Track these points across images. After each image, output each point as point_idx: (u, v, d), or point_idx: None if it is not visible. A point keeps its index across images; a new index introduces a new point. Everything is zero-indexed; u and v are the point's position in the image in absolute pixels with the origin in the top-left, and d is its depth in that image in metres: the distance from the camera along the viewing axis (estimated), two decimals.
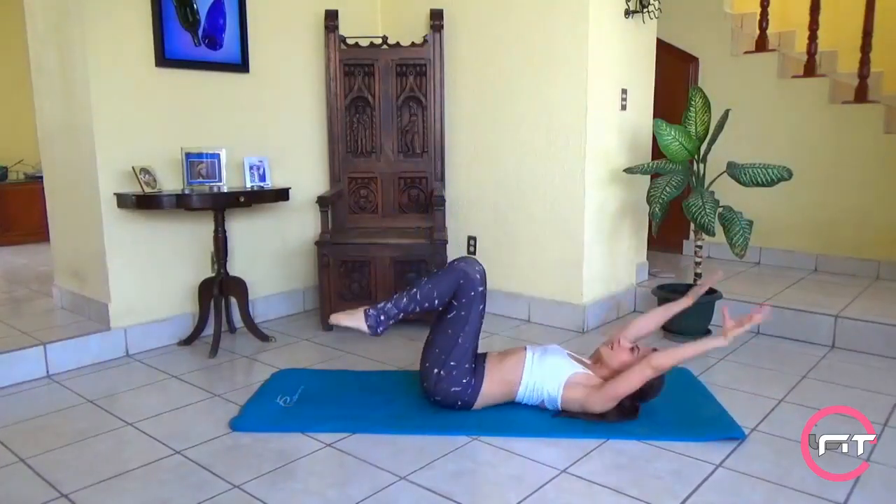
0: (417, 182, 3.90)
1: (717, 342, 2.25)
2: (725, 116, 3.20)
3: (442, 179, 3.86)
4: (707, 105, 3.27)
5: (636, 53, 3.67)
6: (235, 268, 3.48)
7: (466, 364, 2.37)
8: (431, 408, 2.45)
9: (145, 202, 2.95)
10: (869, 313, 3.22)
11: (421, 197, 3.90)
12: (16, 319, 3.37)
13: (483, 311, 2.43)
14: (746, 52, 4.54)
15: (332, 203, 3.60)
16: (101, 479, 2.00)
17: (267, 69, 3.61)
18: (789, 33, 4.85)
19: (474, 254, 3.84)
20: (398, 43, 3.80)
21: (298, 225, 3.87)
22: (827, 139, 4.22)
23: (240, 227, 3.56)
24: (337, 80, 3.79)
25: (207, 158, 3.21)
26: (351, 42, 3.78)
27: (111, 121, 3.05)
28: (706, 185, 3.30)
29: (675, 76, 4.61)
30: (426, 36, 3.77)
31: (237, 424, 2.35)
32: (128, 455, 2.18)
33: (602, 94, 3.43)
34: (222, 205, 3.16)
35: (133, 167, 3.01)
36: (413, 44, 3.79)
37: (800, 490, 1.91)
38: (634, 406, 2.33)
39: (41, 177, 3.72)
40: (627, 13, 3.50)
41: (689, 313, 3.26)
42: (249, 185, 3.35)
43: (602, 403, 2.29)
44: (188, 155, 3.16)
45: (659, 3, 3.57)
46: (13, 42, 5.34)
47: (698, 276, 3.36)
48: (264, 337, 3.36)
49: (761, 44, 4.53)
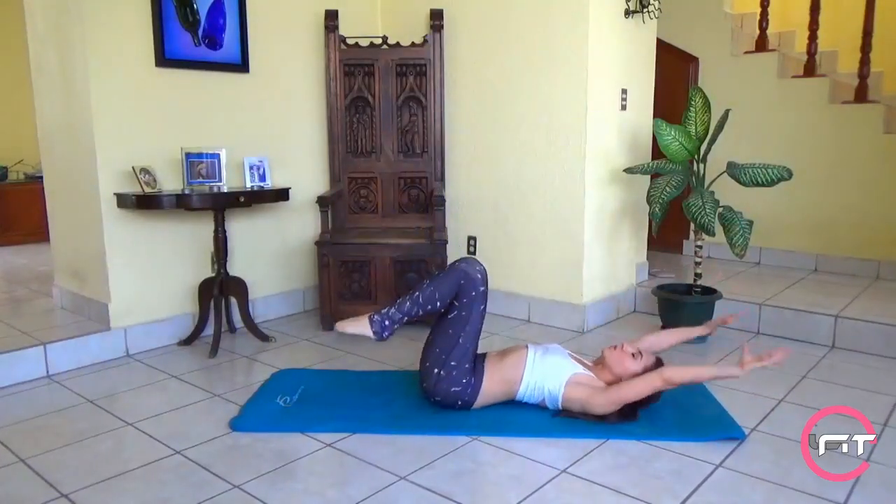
0: (417, 182, 3.90)
1: (733, 371, 2.20)
2: (725, 116, 3.20)
3: (442, 179, 3.86)
4: (707, 105, 3.27)
5: (636, 53, 3.67)
6: (235, 268, 3.48)
7: (466, 364, 2.37)
8: (431, 408, 2.45)
9: (145, 202, 2.95)
10: (869, 313, 3.22)
11: (421, 197, 3.90)
12: (16, 319, 3.37)
13: (484, 312, 2.43)
14: (746, 52, 4.54)
15: (332, 203, 3.60)
16: (101, 479, 2.00)
17: (267, 69, 3.61)
18: (789, 33, 4.85)
19: (474, 254, 3.84)
20: (398, 43, 3.80)
21: (298, 225, 3.87)
22: (827, 139, 4.22)
23: (240, 227, 3.56)
24: (337, 80, 3.79)
25: (207, 158, 3.21)
26: (351, 42, 3.78)
27: (111, 121, 3.05)
28: (706, 185, 3.30)
29: (675, 76, 4.61)
30: (426, 36, 3.77)
31: (237, 424, 2.35)
32: (128, 455, 2.18)
33: (602, 94, 3.43)
34: (222, 205, 3.16)
35: (133, 167, 3.01)
36: (413, 44, 3.79)
37: (800, 490, 1.91)
38: (634, 410, 2.33)
39: (41, 177, 3.72)
40: (627, 13, 3.50)
41: (690, 313, 3.29)
42: (249, 185, 3.35)
43: (605, 406, 2.29)
44: (188, 155, 3.16)
45: (659, 3, 3.57)
46: (13, 42, 5.34)
47: (698, 276, 3.36)
48: (264, 337, 3.36)
49: (761, 44, 4.53)
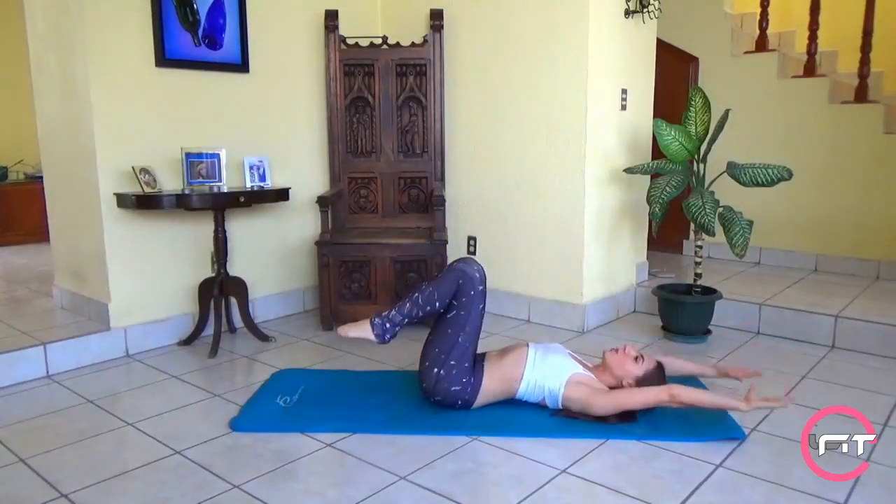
0: (417, 182, 3.90)
1: (739, 405, 2.19)
2: (725, 116, 3.20)
3: (442, 179, 3.86)
4: (707, 105, 3.27)
5: (636, 53, 3.67)
6: (235, 268, 3.48)
7: (466, 363, 2.37)
8: (431, 408, 2.45)
9: (145, 202, 2.95)
10: (869, 313, 3.22)
11: (421, 197, 3.90)
12: (16, 319, 3.37)
13: (483, 311, 2.43)
14: (746, 52, 4.54)
15: (332, 203, 3.60)
16: (101, 479, 2.00)
17: (267, 69, 3.61)
18: (789, 33, 4.85)
19: (474, 254, 3.84)
20: (398, 43, 3.80)
21: (298, 225, 3.87)
22: (827, 139, 4.22)
23: (240, 227, 3.56)
24: (337, 80, 3.79)
25: (207, 158, 3.21)
26: (351, 42, 3.78)
27: (111, 121, 3.05)
28: (706, 185, 3.30)
29: (675, 76, 4.61)
30: (426, 36, 3.77)
31: (237, 424, 2.35)
32: (128, 455, 2.18)
33: (602, 94, 3.42)
34: (222, 205, 3.16)
35: (133, 167, 3.01)
36: (413, 44, 3.79)
37: (800, 490, 1.91)
38: (634, 412, 2.33)
39: (41, 177, 3.72)
40: (627, 13, 3.50)
41: (690, 313, 3.29)
42: (249, 185, 3.35)
43: (605, 408, 2.29)
44: (188, 155, 3.16)
45: (659, 3, 3.57)
46: (13, 42, 5.34)
47: (698, 276, 3.36)
48: (264, 337, 3.36)
49: (761, 44, 4.53)
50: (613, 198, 3.63)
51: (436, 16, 3.74)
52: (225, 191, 3.20)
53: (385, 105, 3.84)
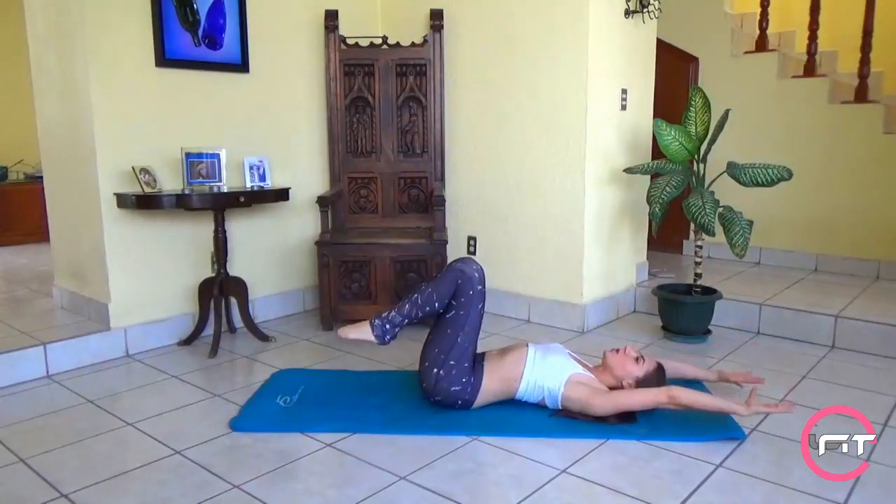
0: (417, 182, 3.90)
1: (738, 408, 2.18)
2: (725, 116, 3.20)
3: (442, 179, 3.86)
4: (707, 105, 3.27)
5: (636, 53, 3.67)
6: (235, 268, 3.48)
7: (466, 363, 2.37)
8: (431, 408, 2.45)
9: (145, 202, 2.95)
10: (869, 313, 3.22)
11: (421, 197, 3.90)
12: (16, 319, 3.36)
13: (482, 311, 2.43)
14: (746, 52, 4.54)
15: (332, 203, 3.60)
16: (101, 479, 2.00)
17: (267, 69, 3.61)
18: (789, 33, 4.85)
19: (474, 254, 3.84)
20: (398, 43, 3.80)
21: (298, 225, 3.87)
22: (827, 139, 4.22)
23: (240, 227, 3.56)
24: (337, 80, 3.79)
25: (207, 158, 3.21)
26: (351, 42, 3.78)
27: (111, 121, 3.05)
28: (706, 185, 3.30)
29: (675, 76, 4.61)
30: (426, 36, 3.77)
31: (237, 424, 2.35)
32: (128, 455, 2.18)
33: (602, 94, 3.42)
34: (222, 205, 3.16)
35: (133, 167, 3.01)
36: (413, 44, 3.79)
37: (800, 490, 1.91)
38: (633, 412, 2.33)
39: (41, 177, 3.72)
40: (627, 13, 3.50)
41: (690, 313, 3.29)
42: (249, 185, 3.35)
43: (604, 408, 2.29)
44: (188, 155, 3.16)
45: (659, 3, 3.57)
46: (13, 42, 5.35)
47: (698, 276, 3.36)
48: (264, 337, 3.36)
49: (761, 44, 4.53)
50: (613, 198, 3.63)
51: (436, 16, 3.74)
52: (225, 191, 3.20)
53: (385, 105, 3.84)
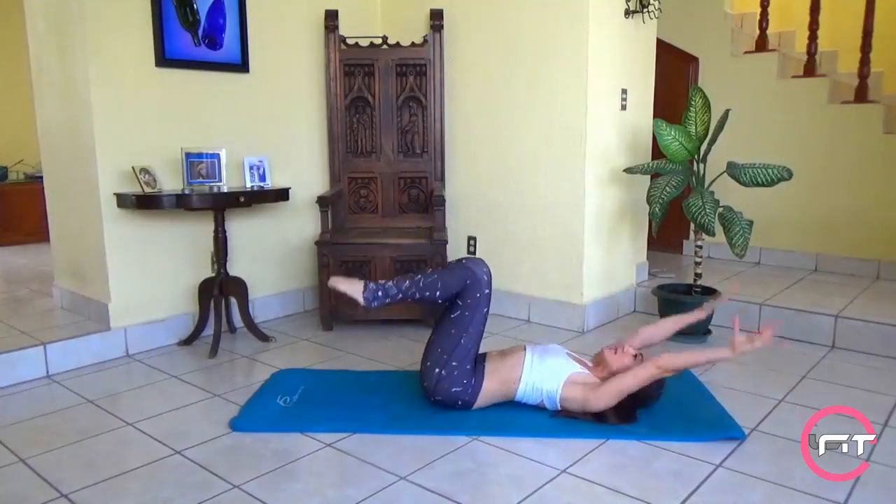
0: (417, 182, 3.90)
1: (725, 353, 2.22)
2: (725, 116, 3.20)
3: (442, 179, 3.86)
4: (707, 105, 3.27)
5: (636, 53, 3.67)
6: (235, 268, 3.48)
7: (468, 365, 2.37)
8: (431, 408, 2.45)
9: (145, 202, 2.95)
10: (869, 313, 3.22)
11: (421, 197, 3.90)
12: (16, 319, 3.36)
13: (487, 314, 2.43)
14: (746, 52, 4.54)
15: (332, 203, 3.60)
16: (101, 479, 2.00)
17: (267, 69, 3.61)
18: (789, 33, 4.85)
19: (474, 254, 3.84)
20: (398, 43, 3.80)
21: (298, 225, 3.87)
22: (827, 139, 4.22)
23: (240, 227, 3.56)
24: (337, 80, 3.79)
25: (207, 158, 3.21)
26: (351, 42, 3.78)
27: (111, 121, 3.05)
28: (706, 185, 3.30)
29: (675, 76, 4.61)
30: (426, 36, 3.77)
31: (237, 424, 2.35)
32: (128, 455, 2.18)
33: (602, 94, 3.42)
34: (222, 205, 3.16)
35: (133, 167, 3.01)
36: (413, 44, 3.79)
37: (800, 490, 1.91)
38: (633, 410, 2.33)
39: (41, 177, 3.72)
40: (627, 13, 3.50)
41: None
42: (249, 185, 3.35)
43: (605, 399, 2.28)
44: (188, 155, 3.16)
45: (659, 3, 3.57)
46: (13, 42, 5.35)
47: (698, 276, 3.36)
48: (264, 337, 3.36)
49: (761, 44, 4.53)
50: (613, 198, 3.63)
51: (436, 16, 3.74)
52: (225, 191, 3.20)
53: (385, 105, 3.84)
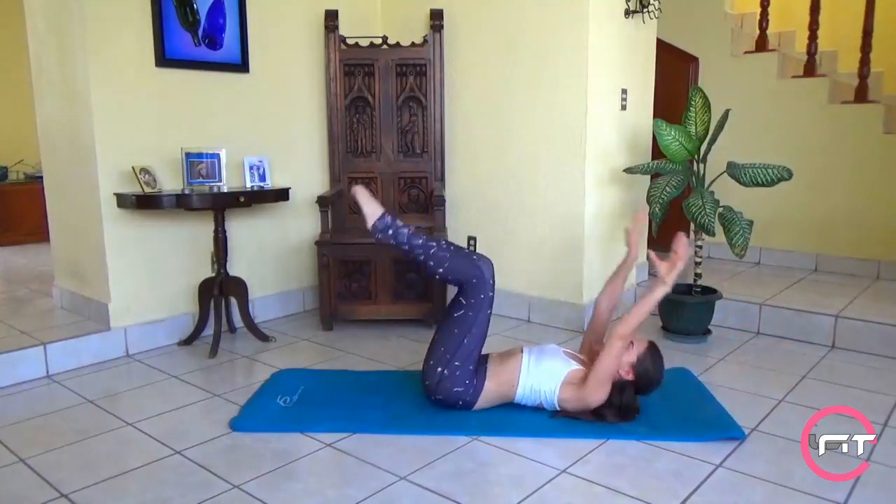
0: (417, 182, 3.90)
1: (661, 289, 2.30)
2: (725, 116, 3.20)
3: (442, 179, 3.86)
4: (707, 105, 3.27)
5: (636, 53, 3.67)
6: (235, 268, 3.48)
7: (470, 365, 2.37)
8: (432, 408, 2.45)
9: (145, 202, 2.95)
10: (869, 313, 3.22)
11: (421, 197, 3.90)
12: (16, 319, 3.36)
13: (489, 316, 2.43)
14: (746, 52, 4.54)
15: (332, 203, 3.60)
16: (101, 479, 2.00)
17: (267, 69, 3.61)
18: (789, 33, 4.85)
19: None
20: (398, 43, 3.80)
21: (298, 225, 3.87)
22: (827, 139, 4.22)
23: (240, 227, 3.56)
24: (337, 80, 3.78)
25: (207, 158, 3.21)
26: (351, 42, 3.78)
27: (111, 121, 3.05)
28: (706, 185, 3.30)
29: (675, 76, 4.60)
30: (426, 36, 3.77)
31: (237, 424, 2.35)
32: (128, 455, 2.18)
33: (602, 94, 3.42)
34: (222, 205, 3.16)
35: (133, 167, 3.01)
36: (413, 44, 3.79)
37: (800, 490, 1.91)
38: (634, 407, 2.33)
39: (41, 177, 3.72)
40: (627, 13, 3.50)
41: (690, 313, 3.28)
42: (249, 185, 3.35)
43: (595, 389, 2.28)
44: (188, 155, 3.16)
45: (659, 3, 3.57)
46: (13, 42, 5.35)
47: (698, 276, 3.36)
48: (264, 337, 3.36)
49: (761, 44, 4.53)
50: (613, 198, 3.63)
51: (436, 16, 3.74)
52: (225, 191, 3.20)
53: (385, 105, 3.84)
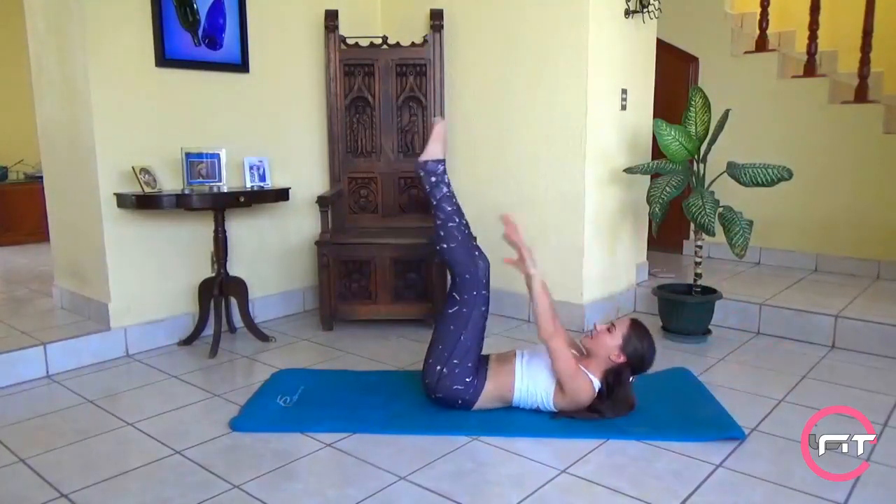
0: (417, 182, 3.89)
1: (533, 281, 2.42)
2: (725, 116, 3.20)
3: None
4: (707, 105, 3.27)
5: (636, 53, 3.67)
6: (235, 268, 3.48)
7: (469, 363, 2.37)
8: (431, 408, 2.45)
9: (145, 202, 2.95)
10: (869, 313, 3.22)
11: (421, 197, 3.90)
12: (16, 319, 3.36)
13: (486, 313, 2.44)
14: (746, 52, 4.54)
15: (332, 203, 3.60)
16: (101, 479, 2.00)
17: (267, 69, 3.61)
18: (789, 33, 4.85)
19: None
20: (398, 43, 3.80)
21: (298, 225, 3.87)
22: (827, 139, 4.22)
23: (240, 227, 3.56)
24: (337, 80, 3.78)
25: (207, 158, 3.21)
26: (351, 42, 3.78)
27: (111, 121, 3.05)
28: (706, 185, 3.30)
29: (675, 76, 4.61)
30: (426, 36, 3.77)
31: (237, 424, 2.35)
32: (128, 455, 2.18)
33: (602, 94, 3.42)
34: (222, 205, 3.16)
35: (133, 167, 3.01)
36: (413, 44, 3.79)
37: (800, 490, 1.91)
38: (628, 396, 2.32)
39: (41, 177, 3.72)
40: (627, 13, 3.50)
41: (690, 313, 3.28)
42: (249, 185, 3.35)
43: (575, 389, 2.28)
44: (188, 155, 3.16)
45: (659, 3, 3.57)
46: (13, 42, 5.35)
47: (698, 276, 3.36)
48: (264, 337, 3.36)
49: (761, 44, 4.53)
50: (613, 198, 3.63)
51: (436, 16, 3.74)
52: (225, 191, 3.20)
53: (385, 105, 3.84)
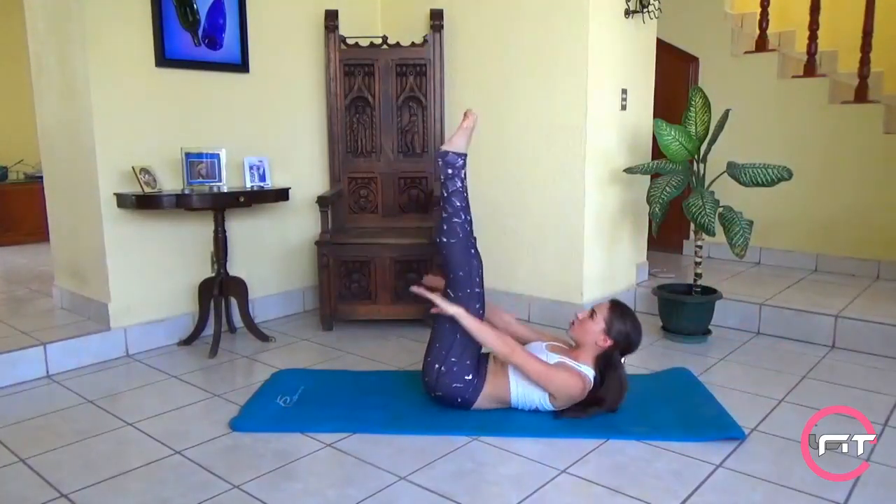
0: (417, 182, 3.90)
1: (463, 320, 2.32)
2: (725, 116, 3.20)
3: None
4: (707, 105, 3.27)
5: (636, 53, 3.67)
6: (235, 268, 3.48)
7: (468, 361, 2.37)
8: (431, 408, 2.45)
9: (145, 202, 2.95)
10: (869, 313, 3.21)
11: (421, 197, 3.90)
12: (16, 319, 3.36)
13: (481, 310, 2.43)
14: (746, 52, 4.54)
15: (332, 203, 3.60)
16: (101, 479, 2.00)
17: (267, 69, 3.61)
18: (789, 33, 4.85)
19: None
20: (398, 43, 3.80)
21: (298, 225, 3.87)
22: (827, 139, 4.22)
23: (240, 227, 3.56)
24: (337, 80, 3.79)
25: (207, 158, 3.21)
26: (351, 42, 3.78)
27: (111, 121, 3.05)
28: (706, 185, 3.30)
29: (675, 76, 4.60)
30: (426, 36, 3.77)
31: (237, 424, 2.35)
32: (128, 455, 2.18)
33: (602, 94, 3.42)
34: (222, 205, 3.16)
35: (133, 167, 3.01)
36: (413, 44, 3.79)
37: (800, 490, 1.91)
38: (621, 380, 2.33)
39: (41, 177, 3.72)
40: (627, 13, 3.50)
41: (690, 313, 3.28)
42: (249, 185, 3.35)
43: (559, 384, 2.28)
44: (188, 155, 3.16)
45: (659, 3, 3.57)
46: (13, 42, 5.35)
47: (698, 276, 3.36)
48: (264, 337, 3.36)
49: (761, 44, 4.53)
50: (613, 198, 3.63)
51: (436, 16, 3.74)
52: (225, 191, 3.20)
53: (385, 105, 3.84)
